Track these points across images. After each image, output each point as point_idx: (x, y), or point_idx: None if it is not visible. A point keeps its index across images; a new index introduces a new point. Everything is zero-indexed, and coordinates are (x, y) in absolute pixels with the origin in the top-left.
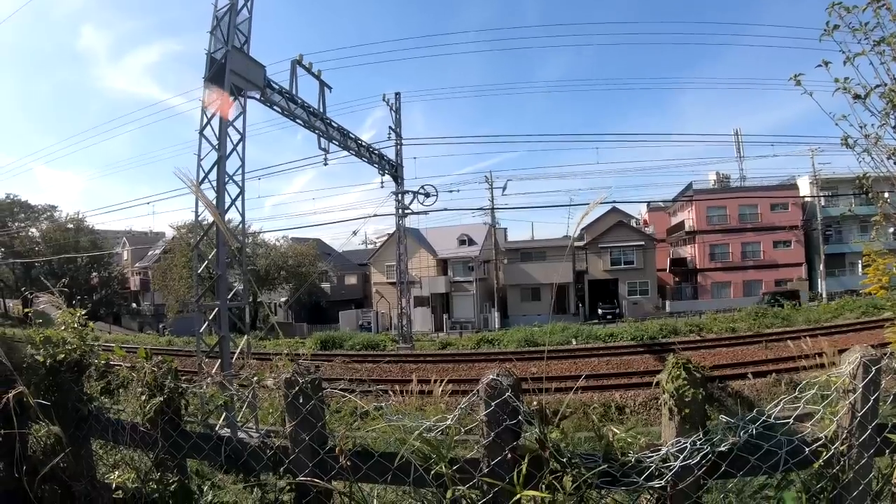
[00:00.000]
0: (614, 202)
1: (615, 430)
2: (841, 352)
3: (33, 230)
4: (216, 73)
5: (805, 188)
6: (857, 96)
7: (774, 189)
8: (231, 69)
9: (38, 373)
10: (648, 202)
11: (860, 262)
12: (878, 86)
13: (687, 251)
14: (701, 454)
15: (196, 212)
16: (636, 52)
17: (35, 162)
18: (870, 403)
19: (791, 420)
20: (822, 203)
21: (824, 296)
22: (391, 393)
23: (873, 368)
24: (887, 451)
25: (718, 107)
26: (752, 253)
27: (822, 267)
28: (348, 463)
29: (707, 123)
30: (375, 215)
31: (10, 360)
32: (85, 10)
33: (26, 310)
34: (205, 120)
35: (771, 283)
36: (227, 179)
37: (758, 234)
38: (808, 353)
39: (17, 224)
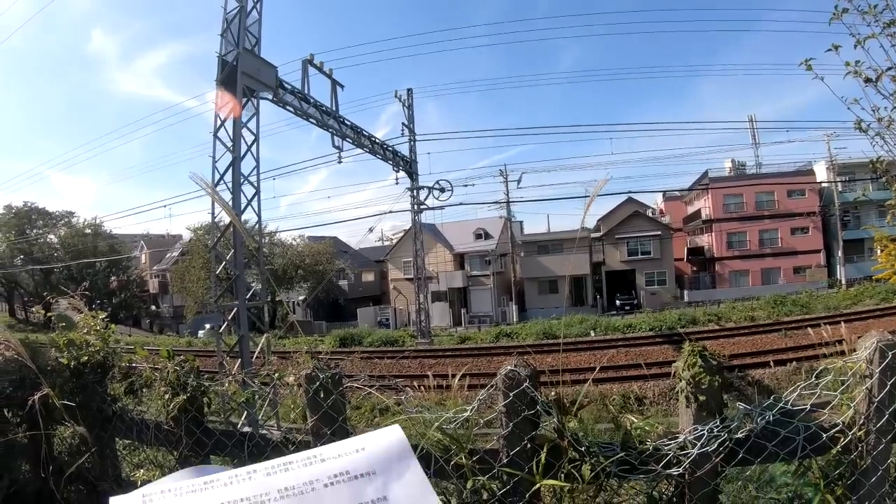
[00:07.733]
0: (630, 192)
1: (633, 419)
2: (860, 338)
3: (51, 236)
4: (228, 76)
5: (822, 174)
6: (868, 79)
7: (791, 175)
8: (243, 71)
9: (62, 375)
10: (664, 191)
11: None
12: (889, 68)
13: (704, 240)
14: (718, 441)
15: (213, 213)
16: (650, 41)
17: (51, 169)
18: (887, 388)
19: (808, 406)
20: (840, 188)
21: (843, 282)
22: (410, 389)
23: (889, 353)
24: None
25: (733, 94)
26: (769, 240)
27: (840, 253)
28: None
29: (722, 111)
30: (391, 212)
31: (34, 364)
32: (94, 14)
33: (48, 314)
34: (218, 122)
35: (789, 271)
36: (242, 180)
37: (775, 222)
38: (828, 341)
39: (35, 231)
